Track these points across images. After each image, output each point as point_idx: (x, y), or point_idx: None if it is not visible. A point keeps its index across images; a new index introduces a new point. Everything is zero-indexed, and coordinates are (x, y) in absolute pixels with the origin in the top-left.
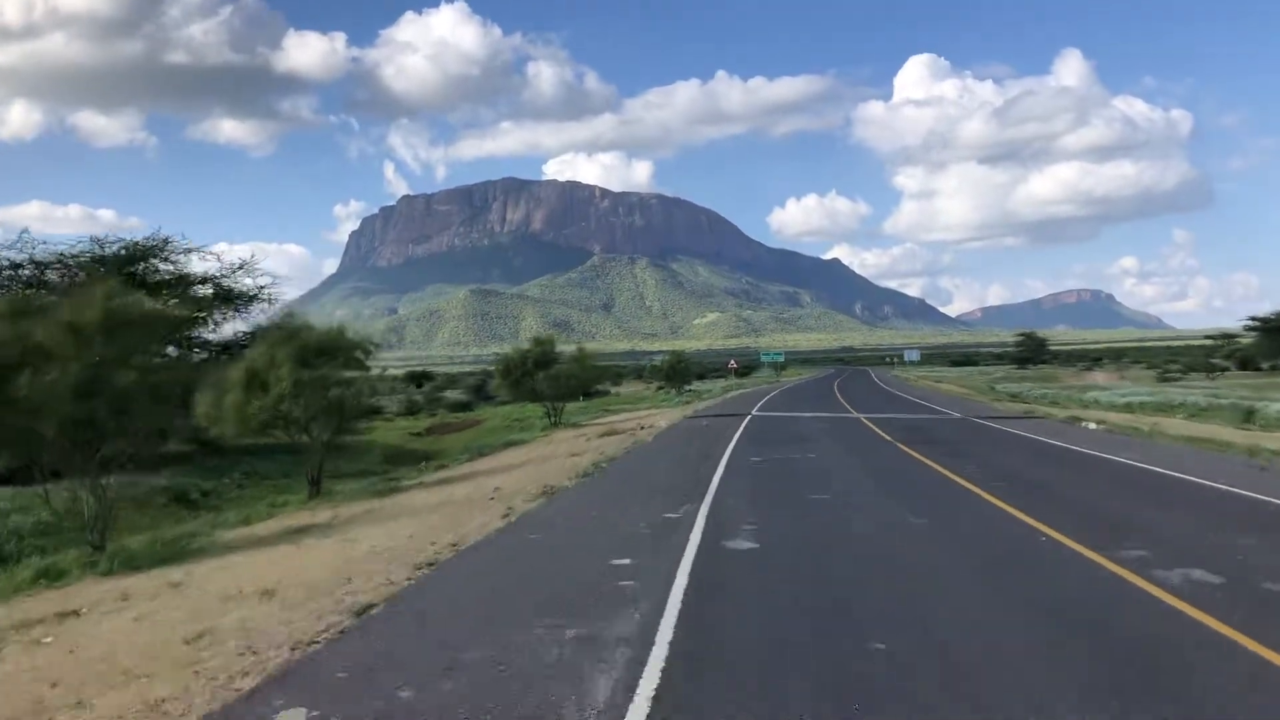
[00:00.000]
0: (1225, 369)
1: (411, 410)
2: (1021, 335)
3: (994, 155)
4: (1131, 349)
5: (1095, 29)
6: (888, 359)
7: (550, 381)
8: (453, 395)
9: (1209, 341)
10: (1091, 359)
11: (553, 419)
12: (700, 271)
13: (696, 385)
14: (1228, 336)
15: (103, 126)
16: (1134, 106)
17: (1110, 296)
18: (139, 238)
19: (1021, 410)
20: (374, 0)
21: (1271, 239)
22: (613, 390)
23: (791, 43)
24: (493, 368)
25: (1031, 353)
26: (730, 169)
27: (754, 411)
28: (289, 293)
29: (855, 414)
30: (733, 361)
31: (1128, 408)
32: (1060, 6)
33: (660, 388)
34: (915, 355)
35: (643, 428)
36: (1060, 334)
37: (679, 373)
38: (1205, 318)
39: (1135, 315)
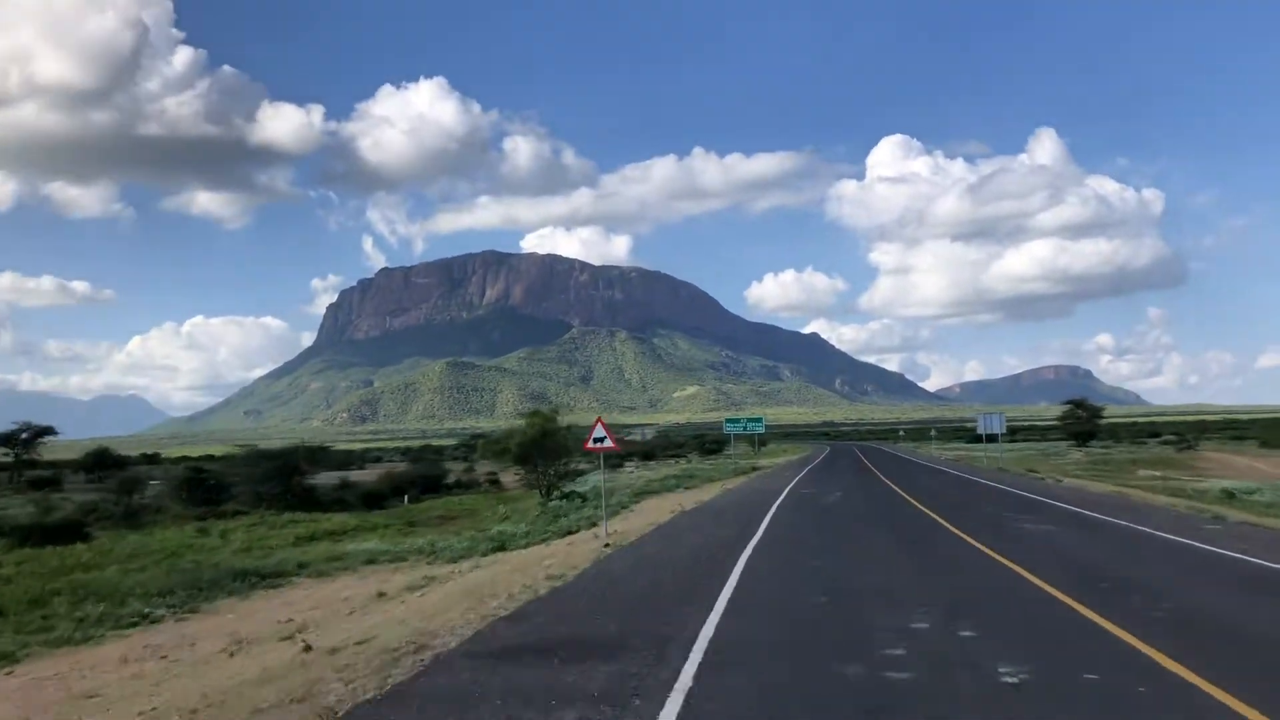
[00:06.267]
0: None
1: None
2: (1070, 404)
3: (969, 232)
4: (1181, 423)
5: (1069, 109)
6: (900, 432)
7: None
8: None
9: None
10: (1147, 434)
11: None
12: (680, 345)
13: (617, 475)
14: None
15: (75, 197)
16: (1107, 186)
17: (1088, 373)
18: None
19: None
20: (350, 73)
21: (1244, 317)
22: (485, 487)
23: (768, 120)
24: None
25: (1087, 425)
26: (709, 244)
27: None
28: (266, 366)
29: None
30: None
31: None
32: (1035, 86)
33: (542, 492)
34: (999, 423)
35: None
36: (1043, 410)
37: (544, 456)
38: (1180, 394)
39: (1113, 391)
